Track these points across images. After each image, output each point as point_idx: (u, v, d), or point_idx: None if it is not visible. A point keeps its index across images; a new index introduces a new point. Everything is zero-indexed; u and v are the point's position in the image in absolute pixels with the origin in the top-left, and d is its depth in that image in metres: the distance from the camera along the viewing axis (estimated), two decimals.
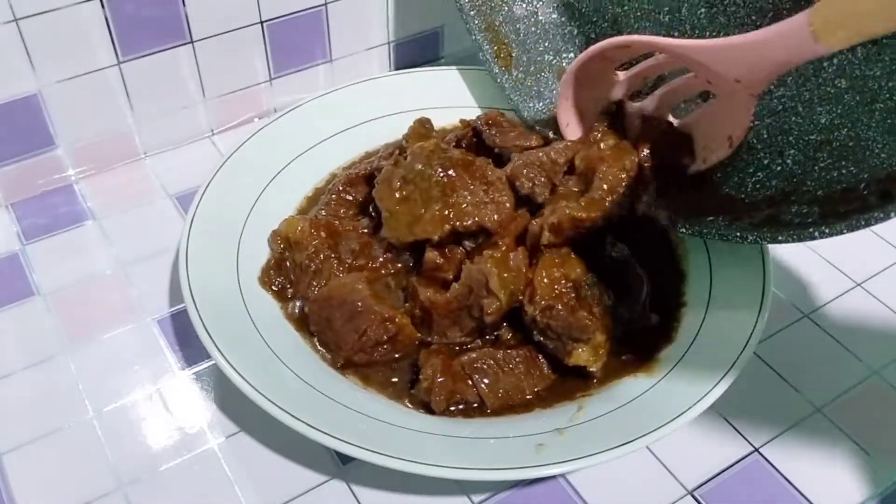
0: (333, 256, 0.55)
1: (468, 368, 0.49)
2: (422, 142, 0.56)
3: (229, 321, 0.50)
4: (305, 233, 0.55)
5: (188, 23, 0.62)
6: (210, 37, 0.64)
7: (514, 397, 0.49)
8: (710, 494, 0.46)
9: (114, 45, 0.60)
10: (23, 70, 0.58)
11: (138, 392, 0.51)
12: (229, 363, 0.47)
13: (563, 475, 0.47)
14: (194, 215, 0.55)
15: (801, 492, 0.47)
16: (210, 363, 0.53)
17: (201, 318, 0.49)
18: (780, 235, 0.46)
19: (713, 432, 0.49)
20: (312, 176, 0.63)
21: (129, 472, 0.47)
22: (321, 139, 0.65)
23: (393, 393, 0.49)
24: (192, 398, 0.51)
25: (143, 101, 0.64)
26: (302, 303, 0.54)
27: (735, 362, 0.47)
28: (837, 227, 0.43)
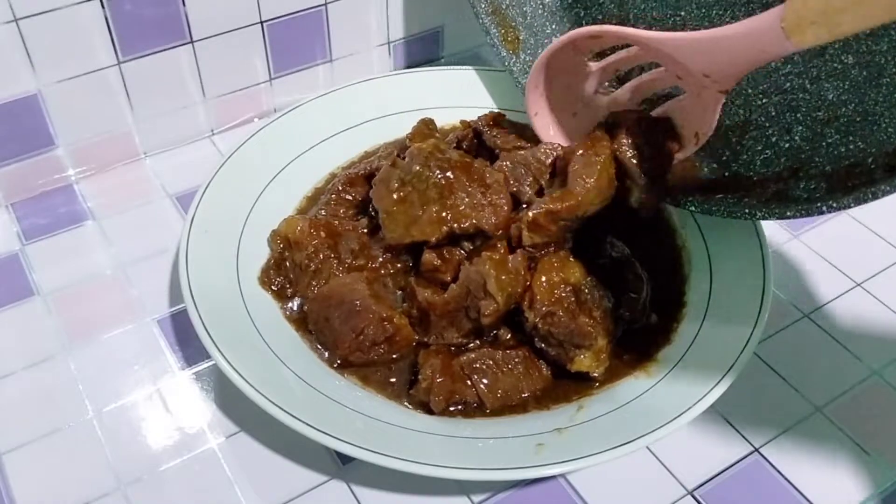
0: (333, 256, 0.55)
1: (467, 369, 0.49)
2: (420, 142, 0.55)
3: (229, 321, 0.50)
4: (305, 233, 0.55)
5: (188, 23, 0.62)
6: (210, 37, 0.64)
7: (514, 397, 0.49)
8: (710, 494, 0.46)
9: (114, 45, 0.60)
10: (23, 70, 0.58)
11: (138, 392, 0.51)
12: (229, 363, 0.47)
13: (563, 475, 0.47)
14: (194, 215, 0.55)
15: (801, 492, 0.47)
16: (210, 363, 0.53)
17: (201, 318, 0.49)
18: (788, 211, 0.46)
19: (713, 432, 0.49)
20: (312, 176, 0.63)
21: (129, 472, 0.47)
22: (321, 139, 0.65)
23: (392, 393, 0.49)
24: (192, 398, 0.51)
25: (143, 101, 0.64)
26: (301, 302, 0.54)
27: (735, 362, 0.47)
28: (844, 202, 0.43)
